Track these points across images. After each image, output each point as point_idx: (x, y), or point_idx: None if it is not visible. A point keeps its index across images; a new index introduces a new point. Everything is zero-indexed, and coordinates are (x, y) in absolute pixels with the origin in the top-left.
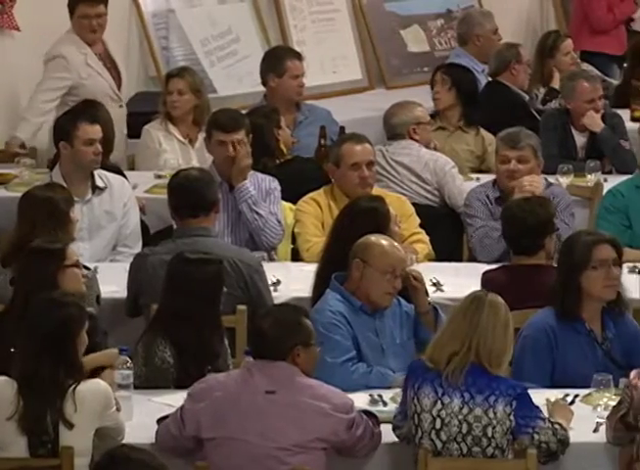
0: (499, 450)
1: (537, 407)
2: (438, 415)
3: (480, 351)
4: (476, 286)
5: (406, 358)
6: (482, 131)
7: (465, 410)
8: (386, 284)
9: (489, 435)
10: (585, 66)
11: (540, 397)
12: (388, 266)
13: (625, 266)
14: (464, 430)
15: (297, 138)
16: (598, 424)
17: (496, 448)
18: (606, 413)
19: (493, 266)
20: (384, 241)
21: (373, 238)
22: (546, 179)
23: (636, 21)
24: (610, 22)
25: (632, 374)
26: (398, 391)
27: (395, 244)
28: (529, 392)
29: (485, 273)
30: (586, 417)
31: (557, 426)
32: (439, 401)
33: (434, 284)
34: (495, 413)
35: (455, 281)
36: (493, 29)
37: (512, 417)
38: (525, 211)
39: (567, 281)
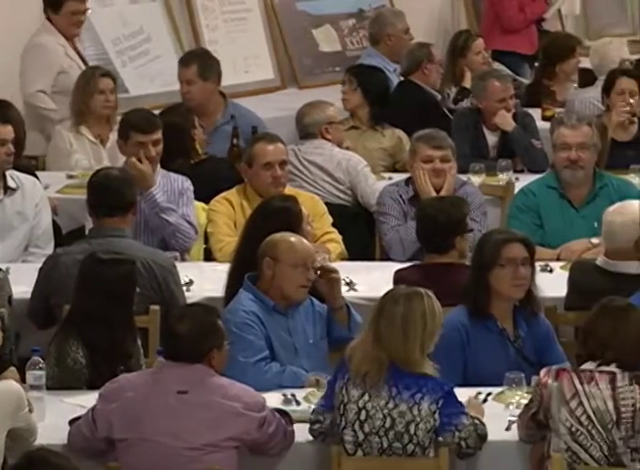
0: (420, 448)
1: (462, 405)
2: (364, 407)
3: (391, 356)
4: (388, 285)
5: (319, 358)
6: (397, 131)
7: (390, 405)
8: (299, 277)
9: (412, 432)
10: (497, 65)
11: None
12: (298, 260)
13: (538, 265)
14: (387, 424)
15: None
16: (510, 422)
17: (417, 446)
18: (518, 411)
19: (406, 265)
20: (290, 237)
21: (279, 235)
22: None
23: (547, 20)
24: (521, 21)
25: (542, 372)
26: (311, 390)
27: (302, 238)
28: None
29: (398, 272)
30: (498, 415)
31: (477, 421)
32: (367, 394)
33: (347, 283)
34: (420, 411)
35: (368, 280)
36: (405, 29)
37: (437, 415)
38: (436, 210)
39: (477, 279)
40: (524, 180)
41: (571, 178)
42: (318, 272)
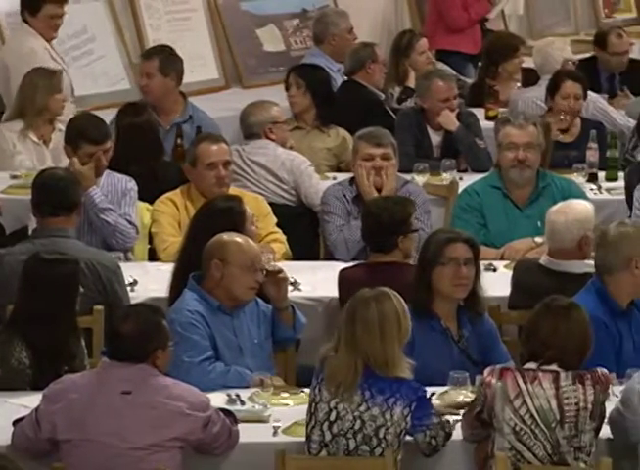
0: (389, 451)
1: (432, 406)
2: (335, 408)
3: (368, 361)
4: (333, 284)
5: (264, 358)
6: (342, 131)
7: (363, 408)
8: (248, 279)
9: (380, 435)
10: (440, 65)
11: None
12: (247, 261)
13: (481, 264)
14: (356, 426)
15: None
16: (454, 421)
17: (386, 449)
18: (462, 411)
19: (350, 264)
20: (237, 238)
21: (226, 237)
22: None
23: (491, 20)
24: (465, 21)
25: (486, 372)
26: (255, 390)
27: (248, 239)
28: None
29: (342, 271)
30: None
31: (444, 420)
32: (341, 395)
33: (292, 283)
34: (392, 415)
35: (312, 280)
36: (348, 29)
37: (408, 419)
38: (380, 209)
39: (420, 278)
40: (467, 180)
41: (518, 178)
42: (264, 273)
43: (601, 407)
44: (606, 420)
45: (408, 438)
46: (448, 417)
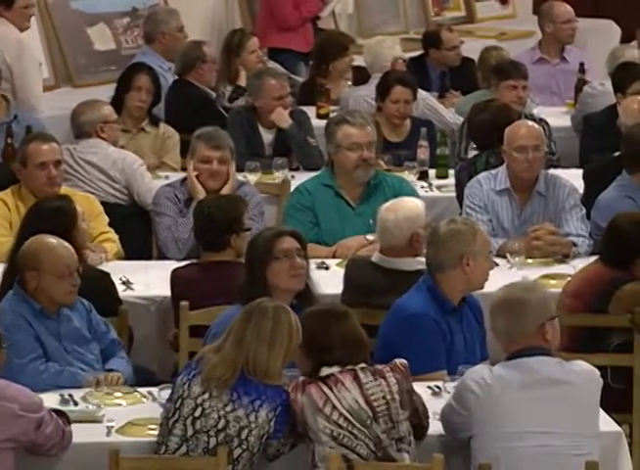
0: (248, 453)
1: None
2: (202, 404)
3: (247, 365)
4: (166, 283)
5: (92, 359)
6: (164, 128)
7: (229, 408)
8: (65, 284)
9: (243, 437)
10: (271, 63)
11: None
12: (62, 268)
13: (314, 263)
14: (220, 425)
15: None
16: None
17: (245, 451)
18: None
19: (183, 263)
20: (49, 244)
21: (36, 244)
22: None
23: (322, 18)
24: (296, 19)
25: (290, 389)
26: (89, 390)
27: (61, 240)
28: None
29: (175, 270)
30: None
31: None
32: (208, 393)
33: (124, 283)
34: (257, 418)
35: (145, 279)
36: (179, 27)
37: (272, 423)
38: (212, 207)
39: (253, 276)
40: (299, 178)
41: (364, 177)
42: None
43: (408, 395)
44: (437, 416)
45: None
46: None
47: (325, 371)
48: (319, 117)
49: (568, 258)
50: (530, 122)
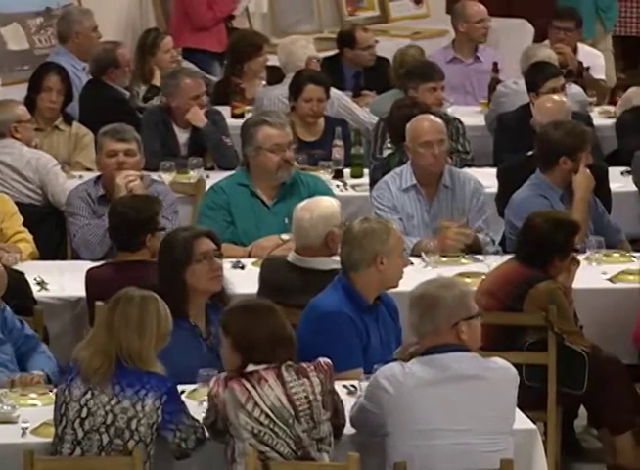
0: (142, 444)
1: (183, 403)
2: (86, 405)
3: (121, 353)
4: (80, 283)
5: (5, 359)
6: (78, 127)
7: (113, 402)
8: None
9: (133, 427)
10: (185, 63)
11: None
12: None
13: (229, 262)
14: (108, 421)
15: None
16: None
17: (139, 442)
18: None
19: (98, 264)
20: None
21: None
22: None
23: (237, 18)
24: (210, 19)
25: (212, 383)
26: (3, 390)
27: None
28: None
29: (90, 270)
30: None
31: (198, 424)
32: (90, 391)
33: (39, 283)
34: (143, 407)
35: (60, 280)
36: (92, 27)
37: (159, 412)
38: (126, 207)
39: (171, 279)
40: (214, 178)
41: (286, 177)
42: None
43: (330, 395)
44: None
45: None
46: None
47: (250, 368)
48: (234, 116)
49: (478, 251)
50: (432, 117)
